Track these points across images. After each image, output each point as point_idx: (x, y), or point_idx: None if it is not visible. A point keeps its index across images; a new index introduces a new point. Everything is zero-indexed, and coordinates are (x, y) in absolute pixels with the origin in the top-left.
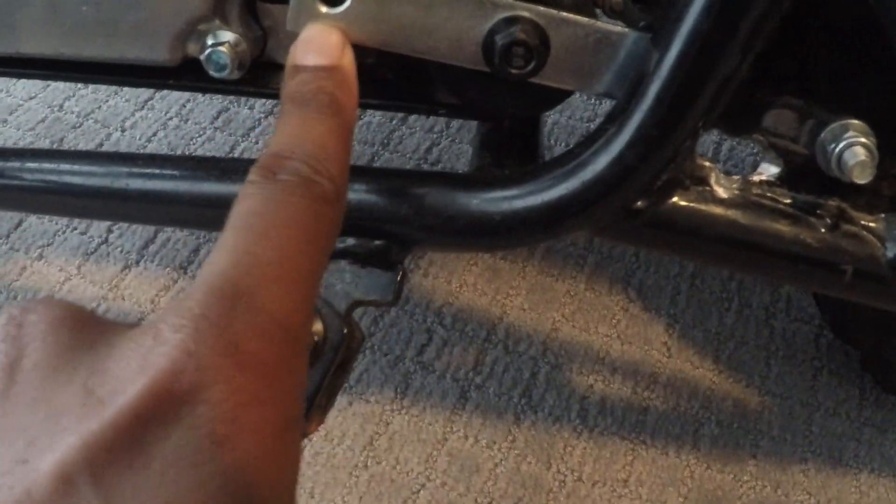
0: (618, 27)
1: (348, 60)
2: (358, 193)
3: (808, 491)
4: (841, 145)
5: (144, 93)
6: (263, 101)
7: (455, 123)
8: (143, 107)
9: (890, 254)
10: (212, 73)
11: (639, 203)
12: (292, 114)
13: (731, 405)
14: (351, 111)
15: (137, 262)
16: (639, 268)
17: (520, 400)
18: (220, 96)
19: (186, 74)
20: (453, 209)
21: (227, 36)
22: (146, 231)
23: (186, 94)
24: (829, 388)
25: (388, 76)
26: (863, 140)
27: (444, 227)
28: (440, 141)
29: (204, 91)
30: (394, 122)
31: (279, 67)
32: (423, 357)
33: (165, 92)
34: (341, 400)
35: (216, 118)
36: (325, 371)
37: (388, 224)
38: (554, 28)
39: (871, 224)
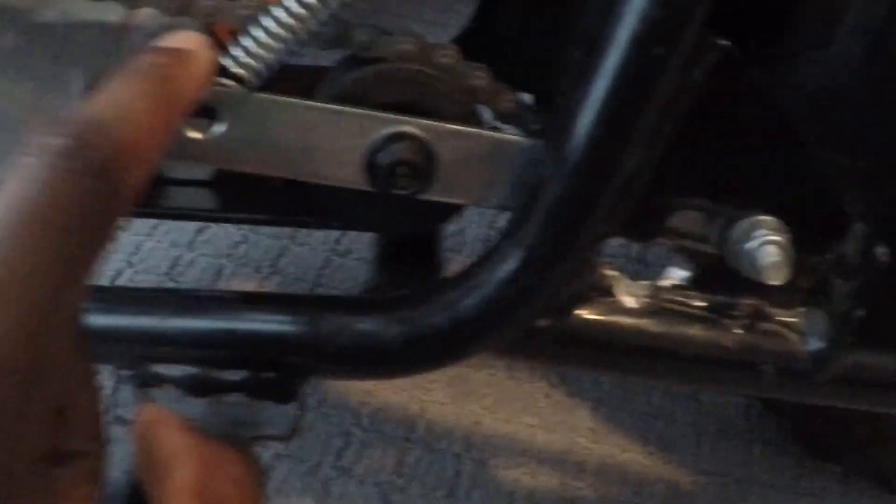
0: (509, 135)
1: (205, 57)
2: (247, 322)
3: None
4: (753, 244)
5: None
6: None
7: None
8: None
9: (812, 348)
10: None
11: (542, 321)
12: (108, 81)
13: (664, 487)
14: (183, 91)
15: None
16: None
17: (445, 500)
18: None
19: None
20: (347, 337)
21: None
22: None
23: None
24: (763, 461)
25: (276, 189)
26: (776, 238)
27: (337, 355)
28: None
29: None
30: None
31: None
32: (342, 462)
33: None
34: None
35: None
36: None
37: (281, 355)
38: (440, 142)
39: (790, 320)
